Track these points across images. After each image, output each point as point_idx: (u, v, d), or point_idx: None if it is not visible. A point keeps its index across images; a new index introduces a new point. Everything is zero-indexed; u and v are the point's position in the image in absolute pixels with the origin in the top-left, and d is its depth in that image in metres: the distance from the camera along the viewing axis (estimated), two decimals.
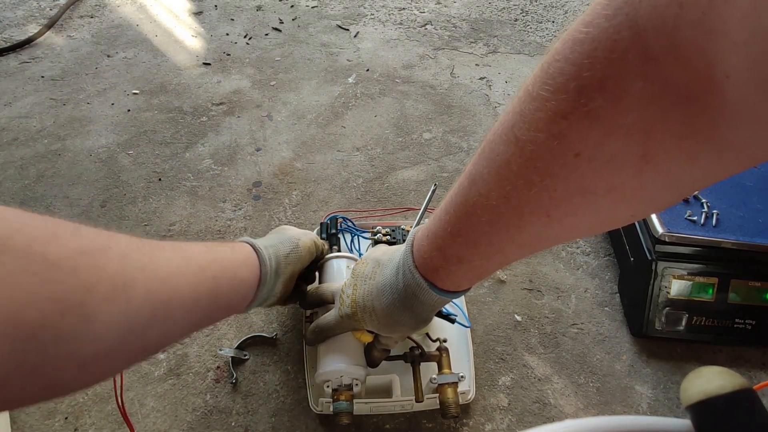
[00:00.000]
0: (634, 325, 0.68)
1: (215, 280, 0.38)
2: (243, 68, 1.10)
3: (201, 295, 0.36)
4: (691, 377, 0.26)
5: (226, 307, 0.42)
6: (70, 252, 0.25)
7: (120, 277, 0.28)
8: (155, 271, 0.31)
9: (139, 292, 0.29)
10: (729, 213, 0.67)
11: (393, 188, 0.86)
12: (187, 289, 0.34)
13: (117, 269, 0.28)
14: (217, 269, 0.39)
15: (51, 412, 0.58)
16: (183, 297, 0.34)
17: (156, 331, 0.31)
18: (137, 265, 0.30)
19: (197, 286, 0.36)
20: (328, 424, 0.59)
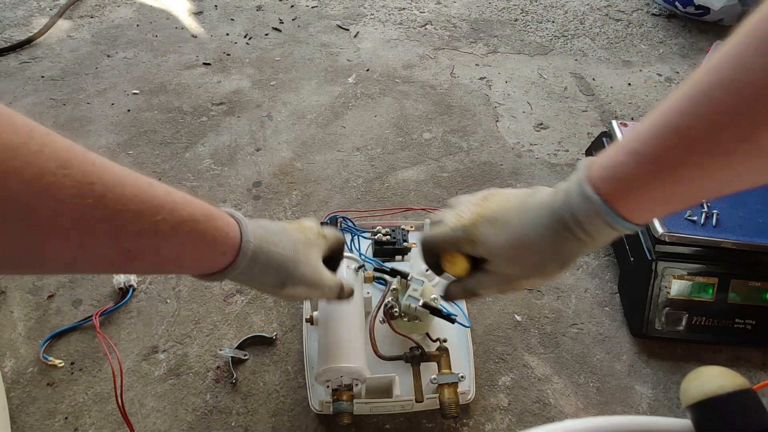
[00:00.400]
0: (634, 325, 0.68)
1: (183, 204, 0.32)
2: (243, 68, 1.10)
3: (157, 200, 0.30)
4: (692, 377, 0.26)
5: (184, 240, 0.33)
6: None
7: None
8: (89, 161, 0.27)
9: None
10: (729, 213, 0.67)
11: (393, 188, 0.86)
12: (136, 184, 0.29)
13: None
14: (185, 200, 0.33)
15: (51, 412, 0.58)
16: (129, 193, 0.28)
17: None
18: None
19: (152, 192, 0.30)
20: (328, 424, 0.59)
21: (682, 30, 1.30)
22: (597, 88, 1.10)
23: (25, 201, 0.25)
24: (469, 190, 0.87)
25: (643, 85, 1.12)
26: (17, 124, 0.24)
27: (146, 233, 0.31)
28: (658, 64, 1.19)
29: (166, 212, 0.31)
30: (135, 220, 0.30)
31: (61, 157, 0.26)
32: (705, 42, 1.25)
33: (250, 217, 0.80)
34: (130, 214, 0.29)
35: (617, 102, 1.07)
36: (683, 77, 1.15)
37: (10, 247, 0.26)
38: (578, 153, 0.94)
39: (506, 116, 1.02)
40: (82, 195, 0.27)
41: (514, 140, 0.97)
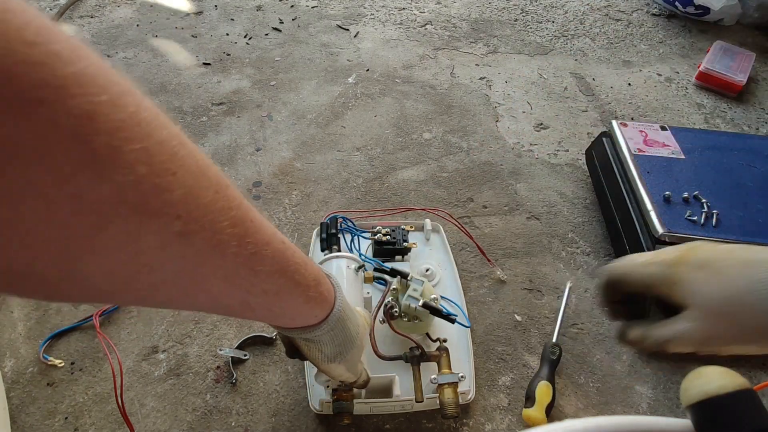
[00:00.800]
0: None
1: (293, 253, 0.32)
2: (243, 68, 1.10)
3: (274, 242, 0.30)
4: (692, 377, 0.26)
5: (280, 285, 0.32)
6: None
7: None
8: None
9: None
10: (729, 213, 0.67)
11: (393, 188, 0.86)
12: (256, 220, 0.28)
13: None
14: (304, 261, 0.33)
15: (51, 412, 0.58)
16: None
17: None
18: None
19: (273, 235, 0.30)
20: (328, 424, 0.59)
21: (682, 30, 1.30)
22: (597, 88, 1.10)
23: (199, 257, 0.25)
24: (470, 190, 0.87)
25: (643, 85, 1.12)
26: (210, 176, 0.25)
27: (269, 292, 0.31)
28: (658, 64, 1.19)
29: (290, 274, 0.32)
30: (266, 279, 0.30)
31: (234, 212, 0.26)
32: (705, 42, 1.25)
33: None
34: (264, 274, 0.30)
35: (617, 102, 1.07)
36: (683, 77, 1.15)
37: (162, 294, 0.26)
38: (578, 153, 0.94)
39: (506, 116, 1.02)
40: (237, 253, 0.27)
41: (514, 140, 0.97)
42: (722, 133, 0.92)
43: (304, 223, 0.80)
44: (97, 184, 0.19)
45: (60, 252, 0.20)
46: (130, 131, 0.20)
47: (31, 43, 0.17)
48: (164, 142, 0.22)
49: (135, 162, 0.20)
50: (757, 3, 1.26)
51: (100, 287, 0.23)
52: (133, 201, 0.21)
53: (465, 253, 0.77)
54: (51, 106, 0.18)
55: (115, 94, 0.20)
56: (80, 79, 0.19)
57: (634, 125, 0.82)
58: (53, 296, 0.24)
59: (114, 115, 0.20)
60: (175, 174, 0.22)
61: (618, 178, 0.76)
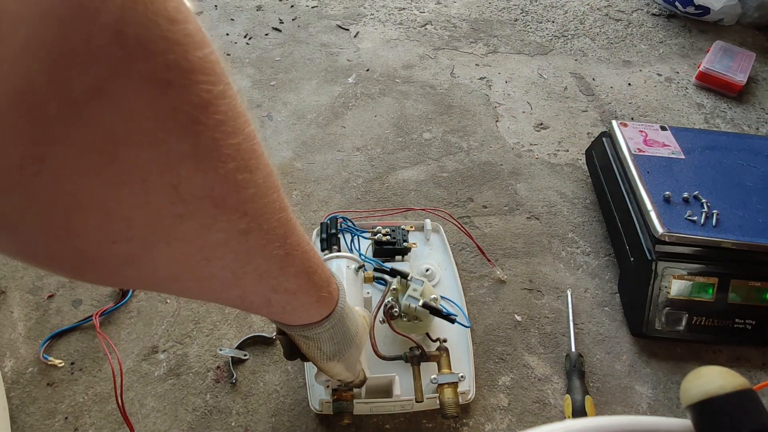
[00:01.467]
0: (634, 325, 0.68)
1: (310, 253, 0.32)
2: (243, 68, 1.10)
3: (300, 240, 0.30)
4: (692, 377, 0.26)
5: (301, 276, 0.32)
6: None
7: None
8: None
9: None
10: (729, 213, 0.67)
11: (393, 188, 0.86)
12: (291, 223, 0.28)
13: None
14: (320, 263, 0.34)
15: (51, 412, 0.58)
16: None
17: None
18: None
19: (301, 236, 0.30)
20: (328, 424, 0.59)
21: (682, 30, 1.30)
22: (597, 88, 1.10)
23: (250, 255, 0.25)
24: (470, 190, 0.87)
25: (643, 85, 1.12)
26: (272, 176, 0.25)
27: (290, 292, 0.31)
28: (658, 64, 1.19)
29: (310, 275, 0.32)
30: (291, 279, 0.30)
31: (281, 213, 0.26)
32: (705, 42, 1.25)
33: None
34: (291, 274, 0.30)
35: (617, 102, 1.07)
36: (683, 77, 1.15)
37: (205, 288, 0.26)
38: (578, 153, 0.94)
39: (506, 116, 1.02)
40: (276, 255, 0.27)
41: (514, 140, 0.97)
42: (722, 133, 0.92)
43: (304, 223, 0.80)
44: (195, 175, 0.19)
45: (139, 239, 0.20)
46: (230, 125, 0.20)
47: (174, 19, 0.16)
48: (250, 138, 0.21)
49: (228, 157, 0.20)
50: (757, 3, 1.26)
51: (157, 276, 0.23)
52: (216, 196, 0.20)
53: (465, 253, 0.77)
54: (177, 90, 0.17)
55: (227, 85, 0.19)
56: (205, 66, 0.18)
57: (634, 125, 0.82)
58: (108, 281, 0.24)
59: (222, 107, 0.19)
60: (252, 172, 0.22)
61: (618, 178, 0.76)
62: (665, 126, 0.83)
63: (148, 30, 0.15)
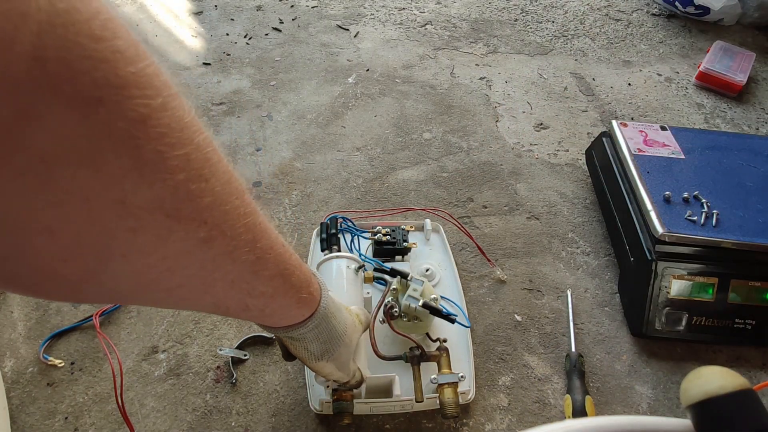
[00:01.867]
0: (634, 325, 0.68)
1: (289, 254, 0.32)
2: (243, 68, 1.10)
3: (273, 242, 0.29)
4: (692, 377, 0.26)
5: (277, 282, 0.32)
6: None
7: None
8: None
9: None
10: (729, 213, 0.67)
11: (393, 188, 0.86)
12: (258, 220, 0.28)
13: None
14: (299, 264, 0.34)
15: (51, 412, 0.58)
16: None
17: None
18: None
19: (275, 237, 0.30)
20: (328, 424, 0.59)
21: (682, 30, 1.30)
22: (597, 88, 1.10)
23: (217, 262, 0.25)
24: (470, 190, 0.87)
25: (643, 85, 1.12)
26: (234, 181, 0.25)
27: (266, 295, 0.31)
28: (658, 64, 1.19)
29: (287, 277, 0.32)
30: (266, 282, 0.30)
31: (249, 218, 0.26)
32: (705, 42, 1.25)
33: None
34: (265, 278, 0.30)
35: (617, 102, 1.07)
36: (683, 77, 1.15)
37: (175, 297, 0.26)
38: (578, 153, 0.94)
39: (506, 116, 1.02)
40: (246, 259, 0.27)
41: (514, 140, 0.97)
42: (722, 133, 0.92)
43: (304, 223, 0.80)
44: (140, 189, 0.19)
45: (93, 255, 0.20)
46: (175, 137, 0.20)
47: (98, 37, 0.16)
48: (201, 147, 0.21)
49: (176, 168, 0.20)
50: (757, 3, 1.26)
51: (120, 289, 0.23)
52: (169, 207, 0.20)
53: (465, 253, 0.77)
54: (109, 108, 0.17)
55: (168, 97, 0.19)
56: (139, 80, 0.18)
57: (634, 125, 0.82)
58: (73, 297, 0.24)
59: (164, 119, 0.19)
60: (207, 180, 0.22)
61: (618, 178, 0.76)
62: (665, 126, 0.83)
63: (70, 51, 0.15)
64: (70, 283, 0.21)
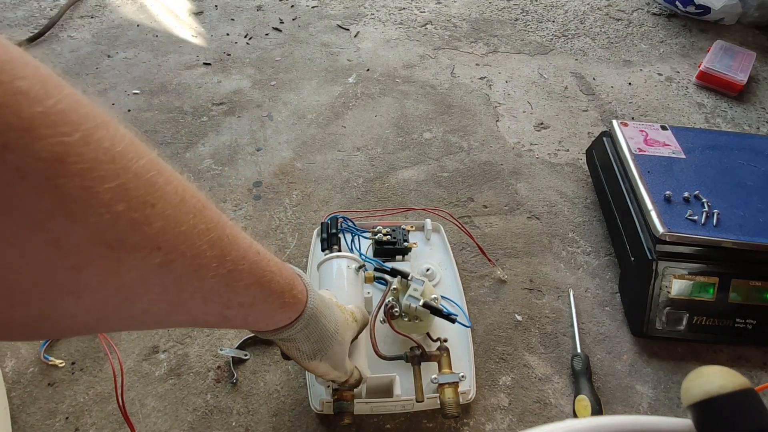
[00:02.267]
0: (634, 325, 0.68)
1: (261, 255, 0.32)
2: (243, 68, 1.10)
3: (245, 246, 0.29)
4: (692, 377, 0.26)
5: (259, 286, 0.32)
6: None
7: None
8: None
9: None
10: (730, 212, 0.67)
11: (393, 188, 0.86)
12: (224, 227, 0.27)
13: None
14: (278, 268, 0.33)
15: (52, 412, 0.58)
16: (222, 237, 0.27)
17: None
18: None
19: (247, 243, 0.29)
20: (329, 424, 0.59)
21: (682, 29, 1.30)
22: (597, 88, 1.10)
23: (180, 283, 0.24)
24: (470, 190, 0.87)
25: (644, 85, 1.12)
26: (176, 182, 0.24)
27: (246, 305, 0.31)
28: (659, 63, 1.19)
29: (265, 284, 0.32)
30: (242, 293, 0.30)
31: (211, 233, 0.25)
32: (705, 41, 1.25)
33: (250, 218, 0.80)
34: (241, 288, 0.29)
35: (618, 101, 1.07)
36: (684, 77, 1.15)
37: (142, 321, 0.25)
38: (579, 153, 0.94)
39: (506, 116, 1.02)
40: (216, 274, 0.26)
41: (514, 140, 0.97)
42: (723, 132, 0.92)
43: (304, 222, 0.80)
44: (72, 227, 0.18)
45: (38, 297, 0.19)
46: (104, 169, 0.19)
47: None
48: (141, 174, 0.21)
49: (111, 201, 0.19)
50: (758, 2, 1.26)
51: (82, 323, 0.23)
52: (111, 239, 0.20)
53: (465, 252, 0.77)
54: (16, 152, 0.16)
55: (89, 130, 0.18)
56: (49, 119, 0.17)
57: (635, 125, 0.82)
58: (32, 337, 0.23)
59: (87, 154, 0.18)
60: (154, 206, 0.21)
61: (618, 178, 0.76)
62: (666, 125, 0.83)
63: None
64: (23, 326, 0.21)
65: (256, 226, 0.79)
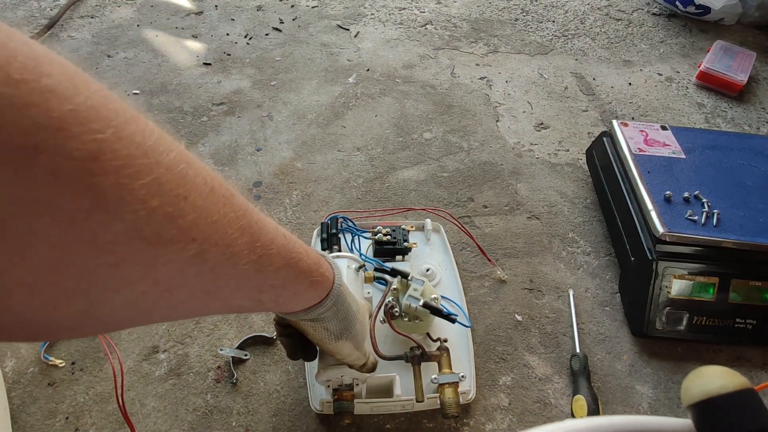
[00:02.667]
0: (634, 325, 0.68)
1: (295, 244, 0.33)
2: (243, 68, 1.10)
3: (279, 240, 0.30)
4: (693, 377, 0.26)
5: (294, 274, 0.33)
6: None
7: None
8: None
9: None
10: (730, 212, 0.67)
11: (393, 188, 0.86)
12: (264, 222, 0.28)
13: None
14: (305, 249, 0.34)
15: (52, 412, 0.58)
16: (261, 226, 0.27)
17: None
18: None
19: (276, 231, 0.30)
20: (329, 424, 0.59)
21: (682, 29, 1.30)
22: (597, 88, 1.10)
23: (216, 272, 0.24)
24: (470, 190, 0.87)
25: (644, 85, 1.12)
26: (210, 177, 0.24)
27: (277, 287, 0.31)
28: (659, 63, 1.19)
29: (294, 265, 0.32)
30: (274, 276, 0.30)
31: (241, 221, 0.25)
32: (705, 41, 1.25)
33: None
34: (272, 271, 0.30)
35: (618, 101, 1.07)
36: (684, 77, 1.15)
37: (180, 311, 0.25)
38: (579, 153, 0.94)
39: (507, 116, 1.02)
40: (248, 261, 0.27)
41: (514, 140, 0.97)
42: (723, 132, 0.92)
43: (304, 223, 0.80)
44: (110, 224, 0.18)
45: (80, 295, 0.19)
46: (138, 165, 0.19)
47: (18, 81, 0.15)
48: (172, 167, 0.20)
49: (146, 196, 0.19)
50: (758, 2, 1.26)
51: (122, 318, 0.23)
52: (148, 234, 0.20)
53: (465, 252, 0.77)
54: (49, 153, 0.16)
55: (120, 125, 0.18)
56: (80, 116, 0.16)
57: (635, 125, 0.82)
58: (77, 334, 0.23)
59: (120, 150, 0.18)
60: (186, 198, 0.21)
61: (618, 178, 0.76)
62: (666, 125, 0.83)
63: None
64: (69, 325, 0.21)
65: None
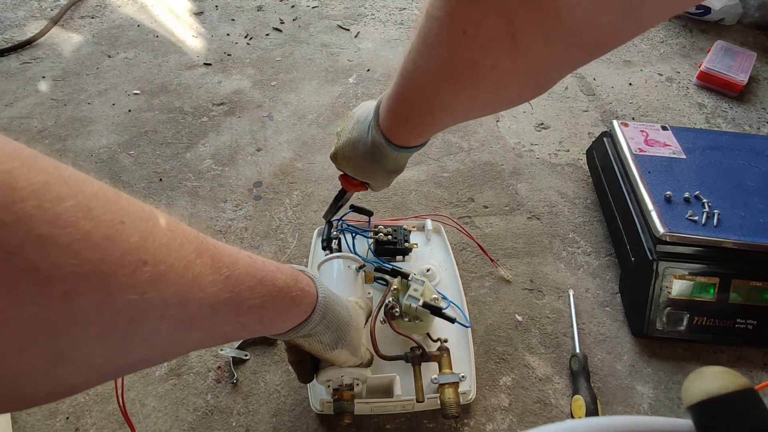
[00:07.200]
0: (635, 326, 0.68)
1: (275, 270, 0.34)
2: (244, 68, 1.10)
3: (263, 274, 0.31)
4: (693, 377, 0.26)
5: (276, 300, 0.34)
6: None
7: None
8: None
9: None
10: (730, 213, 0.67)
11: (393, 188, 0.86)
12: (247, 262, 0.30)
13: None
14: (276, 266, 0.35)
15: (52, 413, 0.58)
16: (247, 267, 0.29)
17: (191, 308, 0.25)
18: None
19: (263, 266, 0.32)
20: (329, 424, 0.59)
21: (682, 29, 1.30)
22: (598, 88, 1.10)
23: (181, 296, 0.24)
24: (470, 190, 0.87)
25: (644, 85, 1.12)
26: (162, 224, 0.24)
27: (256, 307, 0.31)
28: (659, 63, 1.19)
29: (268, 283, 0.32)
30: (249, 295, 0.30)
31: (194, 244, 0.25)
32: (705, 41, 1.25)
33: (251, 219, 0.80)
34: (245, 291, 0.30)
35: (618, 102, 1.07)
36: (684, 77, 1.15)
37: (160, 346, 0.25)
38: (579, 153, 0.94)
39: (507, 116, 1.02)
40: (214, 281, 0.27)
41: (514, 140, 0.97)
42: (723, 132, 0.92)
43: (305, 223, 0.80)
44: (47, 291, 0.18)
45: (42, 333, 0.19)
46: (56, 191, 0.19)
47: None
48: (99, 194, 0.21)
49: (75, 218, 0.19)
50: (758, 3, 1.26)
51: (98, 357, 0.22)
52: (91, 257, 0.19)
53: (466, 253, 0.77)
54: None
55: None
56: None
57: (635, 125, 0.82)
58: (57, 398, 0.23)
59: (33, 177, 0.18)
60: (123, 222, 0.21)
61: (619, 178, 0.76)
62: (666, 126, 0.83)
63: None
64: (36, 372, 0.21)
65: (256, 227, 0.79)
